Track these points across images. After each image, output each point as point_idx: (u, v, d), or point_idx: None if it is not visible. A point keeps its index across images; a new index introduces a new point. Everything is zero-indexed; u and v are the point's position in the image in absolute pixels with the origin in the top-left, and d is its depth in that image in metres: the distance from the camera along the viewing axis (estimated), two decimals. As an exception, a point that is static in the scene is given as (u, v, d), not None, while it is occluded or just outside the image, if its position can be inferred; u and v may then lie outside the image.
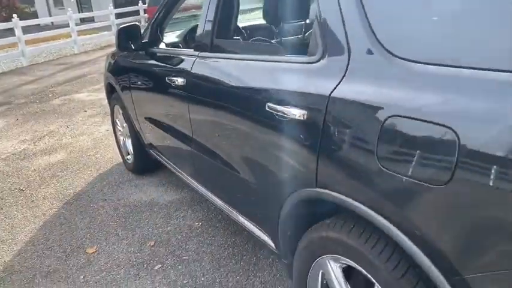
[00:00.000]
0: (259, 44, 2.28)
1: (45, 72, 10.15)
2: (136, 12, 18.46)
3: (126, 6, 19.50)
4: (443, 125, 1.04)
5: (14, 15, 12.16)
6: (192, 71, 2.29)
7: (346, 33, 1.39)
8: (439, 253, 1.10)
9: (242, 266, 2.49)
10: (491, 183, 0.96)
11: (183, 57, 2.48)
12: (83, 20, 26.62)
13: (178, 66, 2.48)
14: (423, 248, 1.13)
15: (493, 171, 0.96)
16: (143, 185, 3.67)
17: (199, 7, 2.40)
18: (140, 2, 19.02)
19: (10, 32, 12.32)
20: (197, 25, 2.42)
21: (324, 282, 1.64)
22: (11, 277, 2.58)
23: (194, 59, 2.32)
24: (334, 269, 1.54)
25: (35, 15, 33.54)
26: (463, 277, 1.05)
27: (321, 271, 1.61)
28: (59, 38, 14.94)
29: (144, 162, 3.73)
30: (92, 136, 5.13)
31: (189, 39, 3.07)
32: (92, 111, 6.32)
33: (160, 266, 2.57)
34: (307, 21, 2.40)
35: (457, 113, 1.04)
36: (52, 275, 2.57)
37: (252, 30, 2.84)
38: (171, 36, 3.24)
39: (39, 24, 18.38)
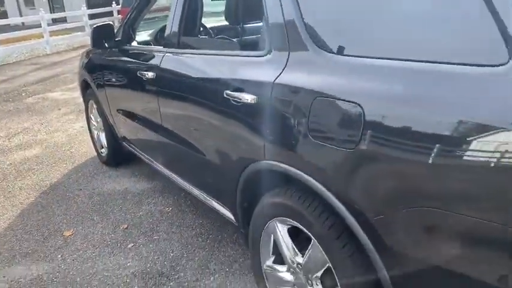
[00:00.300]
0: (219, 41, 2.55)
1: (16, 72, 10.17)
2: (110, 13, 18.46)
3: (99, 7, 19.47)
4: (353, 102, 1.34)
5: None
6: (161, 66, 2.54)
7: (287, 32, 1.68)
8: (352, 201, 1.39)
9: (208, 243, 2.75)
10: (387, 148, 1.26)
11: (153, 53, 2.73)
12: (55, 21, 26.30)
13: (148, 62, 2.73)
14: (343, 200, 1.42)
15: (389, 137, 1.25)
16: (116, 176, 3.88)
17: (168, 9, 2.65)
18: (114, 3, 19.04)
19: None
20: (165, 25, 2.67)
21: (275, 247, 1.92)
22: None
23: (163, 54, 2.57)
24: (281, 229, 1.82)
25: (4, 14, 32.96)
26: (368, 219, 1.34)
27: (271, 235, 1.89)
28: (30, 39, 14.86)
29: (118, 155, 3.94)
30: (66, 132, 5.30)
31: (159, 38, 3.31)
32: (66, 109, 6.46)
33: (132, 244, 2.80)
34: (259, 23, 2.68)
35: (363, 92, 1.33)
36: (31, 255, 2.77)
37: (215, 29, 3.11)
38: (142, 35, 3.47)
39: (9, 24, 18.13)
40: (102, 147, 4.11)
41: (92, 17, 16.29)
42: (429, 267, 1.26)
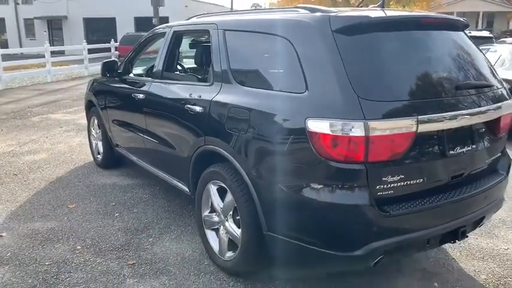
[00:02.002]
0: (185, 75, 3.82)
1: (21, 96, 11.38)
2: (108, 49, 20.00)
3: (96, 43, 21.01)
4: (247, 108, 2.60)
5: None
6: (149, 90, 3.81)
7: (221, 72, 2.96)
8: (248, 169, 2.60)
9: (172, 215, 3.91)
10: (257, 135, 2.51)
11: (144, 82, 4.00)
12: (53, 53, 27.87)
13: (140, 88, 3.99)
14: (243, 167, 2.62)
15: (258, 128, 2.51)
16: (108, 175, 5.05)
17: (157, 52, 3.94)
18: (112, 40, 20.63)
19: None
20: (154, 64, 3.96)
21: (210, 202, 3.10)
22: (15, 219, 3.88)
23: (151, 83, 3.84)
24: (213, 188, 3.02)
25: (5, 43, 34.45)
26: (254, 180, 2.55)
27: (208, 194, 3.08)
28: (30, 67, 16.19)
29: (111, 159, 5.13)
30: (67, 144, 6.47)
31: (149, 71, 4.58)
32: (67, 127, 7.65)
33: (118, 214, 3.96)
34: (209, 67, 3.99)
35: (251, 105, 2.60)
36: (45, 217, 3.90)
37: (188, 68, 4.43)
38: (138, 70, 4.74)
39: (9, 54, 19.43)
40: (99, 154, 5.30)
41: (90, 51, 17.65)
42: (282, 206, 2.46)
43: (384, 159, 2.22)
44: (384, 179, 2.24)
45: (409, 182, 2.31)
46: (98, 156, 5.33)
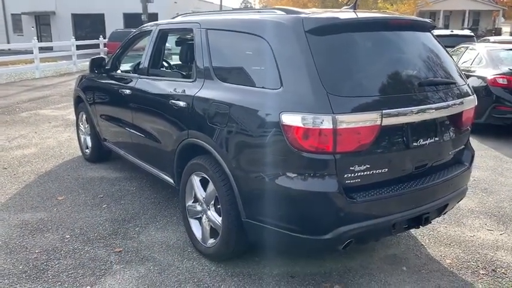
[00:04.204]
0: (170, 71, 3.97)
1: (9, 92, 11.42)
2: (97, 46, 20.00)
3: (85, 39, 21.00)
4: (227, 104, 2.77)
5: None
6: (135, 86, 3.96)
7: (204, 69, 3.13)
8: (227, 160, 2.77)
9: (159, 207, 4.08)
10: (236, 128, 2.68)
11: (131, 78, 4.15)
12: (41, 49, 27.66)
13: (127, 84, 4.14)
14: (224, 159, 2.80)
15: (235, 123, 2.68)
16: (96, 168, 5.19)
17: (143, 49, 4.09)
18: (101, 36, 20.62)
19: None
20: (140, 61, 4.11)
21: (193, 193, 3.28)
22: (5, 210, 4.01)
23: (137, 79, 3.99)
24: (196, 179, 3.19)
25: (-8, 39, 34.09)
26: (233, 171, 2.73)
27: (192, 185, 3.25)
28: (18, 63, 16.18)
29: (99, 153, 5.27)
30: (56, 139, 6.59)
31: (136, 68, 4.72)
32: (56, 123, 7.75)
33: (106, 205, 4.11)
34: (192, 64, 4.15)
35: (231, 100, 2.77)
36: (35, 209, 4.04)
37: (173, 65, 4.58)
38: (125, 66, 4.88)
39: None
40: (87, 148, 5.43)
41: (78, 47, 17.67)
42: (258, 195, 2.64)
43: (351, 150, 2.41)
44: (351, 168, 2.43)
45: (375, 171, 2.50)
46: (87, 150, 5.46)
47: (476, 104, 3.08)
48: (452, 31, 13.65)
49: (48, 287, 2.83)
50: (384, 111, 2.42)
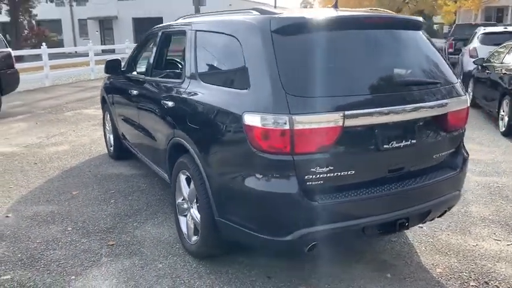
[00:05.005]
0: (167, 72, 4.03)
1: (62, 92, 12.18)
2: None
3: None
4: (202, 103, 2.82)
5: (43, 43, 14.37)
6: (140, 86, 4.11)
7: (190, 70, 3.20)
8: (203, 160, 2.82)
9: (162, 204, 4.20)
10: (213, 131, 2.72)
11: (139, 79, 4.31)
12: (104, 51, 29.23)
13: (136, 84, 4.31)
14: (200, 159, 2.85)
15: (214, 123, 2.72)
16: (117, 166, 5.43)
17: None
18: (154, 39, 21.39)
19: (39, 57, 14.47)
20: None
21: (182, 189, 3.36)
22: (23, 202, 4.31)
23: (143, 80, 4.15)
24: (182, 178, 3.26)
25: (61, 43, 36.48)
26: (207, 172, 2.77)
27: (180, 182, 3.33)
28: (80, 65, 17.18)
29: (119, 151, 5.50)
30: (90, 137, 6.96)
31: (145, 69, 4.89)
32: (94, 122, 8.17)
33: (114, 200, 4.30)
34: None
35: (207, 100, 2.81)
36: (49, 202, 4.30)
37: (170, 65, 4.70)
38: (141, 68, 5.07)
39: (64, 52, 20.75)
40: (111, 146, 5.69)
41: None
42: (226, 194, 2.67)
43: (311, 151, 2.37)
44: (312, 170, 2.38)
45: (339, 174, 2.44)
46: (111, 148, 5.73)
47: (468, 105, 2.91)
48: (506, 27, 12.75)
49: (37, 275, 3.02)
50: (346, 112, 2.35)
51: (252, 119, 2.40)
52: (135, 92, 4.22)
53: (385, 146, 2.52)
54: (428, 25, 34.20)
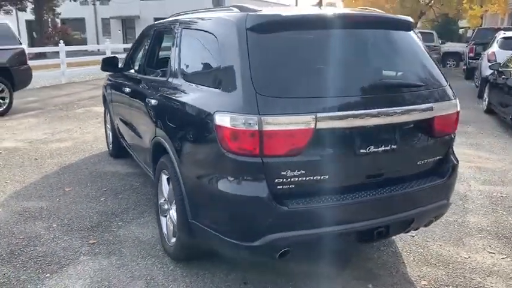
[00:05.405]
0: (156, 70, 3.98)
1: (76, 89, 12.33)
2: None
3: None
4: (179, 102, 2.75)
5: (61, 41, 14.58)
6: (133, 83, 4.08)
7: (174, 69, 3.13)
8: (178, 159, 2.75)
9: (150, 204, 4.14)
10: (190, 131, 2.65)
11: (133, 76, 4.28)
12: (126, 49, 29.57)
13: (129, 82, 4.28)
14: (176, 160, 2.78)
15: (193, 124, 2.65)
16: (114, 163, 5.42)
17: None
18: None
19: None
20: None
21: (163, 190, 3.30)
22: (15, 197, 4.32)
23: (135, 78, 4.11)
24: (164, 178, 3.20)
25: (85, 41, 37.09)
26: (182, 173, 2.70)
27: (162, 182, 3.28)
28: (98, 63, 17.35)
29: (118, 149, 5.48)
30: (94, 134, 6.98)
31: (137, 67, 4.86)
32: (101, 119, 8.18)
33: (104, 198, 4.27)
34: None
35: (183, 99, 2.74)
36: (41, 198, 4.30)
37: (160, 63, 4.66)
38: (136, 65, 5.04)
39: (86, 50, 21.08)
40: (111, 144, 5.69)
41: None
42: (198, 196, 2.60)
43: (281, 153, 2.27)
44: (282, 173, 2.29)
45: (312, 178, 2.33)
46: (110, 146, 5.72)
47: (458, 109, 2.76)
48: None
49: (12, 271, 3.00)
50: (318, 114, 2.25)
51: (222, 119, 2.32)
52: (127, 90, 4.19)
53: (362, 151, 2.40)
54: (452, 29, 33.46)
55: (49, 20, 29.98)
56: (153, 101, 3.26)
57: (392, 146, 2.48)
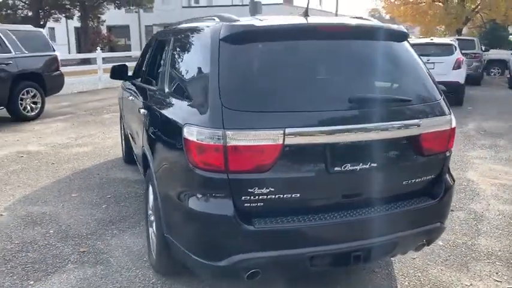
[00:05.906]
0: (152, 80, 3.97)
1: (110, 95, 12.63)
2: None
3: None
4: (159, 114, 2.71)
5: (98, 47, 15.05)
6: (135, 91, 4.09)
7: (165, 83, 3.08)
8: (155, 170, 2.71)
9: (150, 212, 4.13)
10: (166, 142, 2.60)
11: (137, 84, 4.30)
12: (165, 56, 30.09)
13: (133, 89, 4.30)
14: (153, 168, 2.75)
15: (167, 135, 2.60)
16: (126, 170, 5.46)
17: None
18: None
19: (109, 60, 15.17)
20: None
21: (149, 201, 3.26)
22: (22, 201, 4.42)
23: (138, 86, 4.12)
24: (151, 190, 3.15)
25: (129, 47, 38.19)
26: (159, 184, 2.66)
27: (149, 194, 3.24)
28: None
29: (129, 155, 5.50)
30: (115, 140, 7.09)
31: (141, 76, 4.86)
32: (126, 125, 8.36)
33: (105, 206, 4.30)
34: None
35: (162, 110, 2.70)
36: (46, 202, 4.38)
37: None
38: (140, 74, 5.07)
39: (131, 56, 21.62)
40: (124, 149, 5.75)
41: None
42: (168, 210, 2.54)
43: (248, 170, 2.17)
44: (250, 190, 2.18)
45: (281, 196, 2.22)
46: (124, 152, 5.78)
47: (453, 126, 2.56)
48: (432, 39, 11.74)
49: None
50: (287, 129, 2.13)
51: (190, 133, 2.25)
52: (130, 98, 4.22)
53: (336, 169, 2.25)
54: (502, 35, 31.92)
55: (94, 27, 31.07)
56: (142, 111, 3.24)
57: (372, 165, 2.32)
